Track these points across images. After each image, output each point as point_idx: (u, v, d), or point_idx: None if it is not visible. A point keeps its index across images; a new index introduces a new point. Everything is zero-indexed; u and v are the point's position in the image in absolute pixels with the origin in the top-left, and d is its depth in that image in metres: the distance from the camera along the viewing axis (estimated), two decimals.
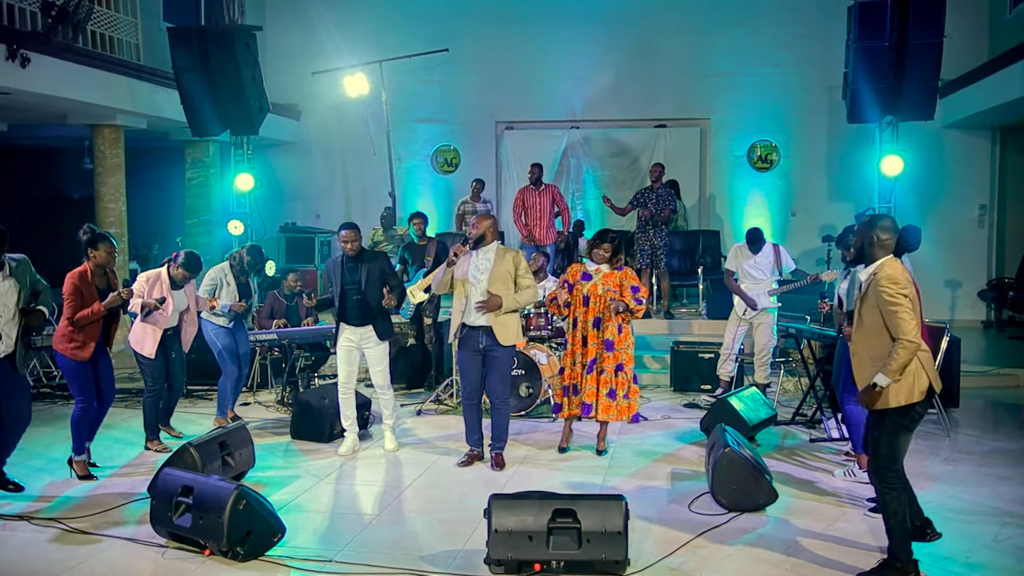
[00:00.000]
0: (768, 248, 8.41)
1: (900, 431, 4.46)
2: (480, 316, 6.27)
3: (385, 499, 5.83)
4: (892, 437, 4.46)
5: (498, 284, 6.25)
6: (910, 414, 4.45)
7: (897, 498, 4.46)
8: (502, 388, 6.46)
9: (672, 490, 5.98)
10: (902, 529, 4.47)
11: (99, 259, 6.16)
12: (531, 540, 4.45)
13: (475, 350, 6.36)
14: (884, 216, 4.63)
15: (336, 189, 14.59)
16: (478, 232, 6.34)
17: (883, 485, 4.49)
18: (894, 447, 4.47)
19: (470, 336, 6.37)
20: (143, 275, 6.87)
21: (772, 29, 12.91)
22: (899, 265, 4.48)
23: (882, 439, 4.49)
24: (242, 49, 9.56)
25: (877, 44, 8.53)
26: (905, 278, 4.44)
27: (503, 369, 6.43)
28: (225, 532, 4.63)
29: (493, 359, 6.36)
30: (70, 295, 6.03)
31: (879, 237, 4.47)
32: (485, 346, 6.33)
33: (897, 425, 4.45)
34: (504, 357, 6.39)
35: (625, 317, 6.62)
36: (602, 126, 13.80)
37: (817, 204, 13.14)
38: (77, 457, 6.31)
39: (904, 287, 4.40)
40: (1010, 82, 9.90)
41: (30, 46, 8.69)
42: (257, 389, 9.27)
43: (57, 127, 11.39)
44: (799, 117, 13.18)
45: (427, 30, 13.15)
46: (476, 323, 6.32)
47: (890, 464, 4.48)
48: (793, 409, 7.94)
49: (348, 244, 6.66)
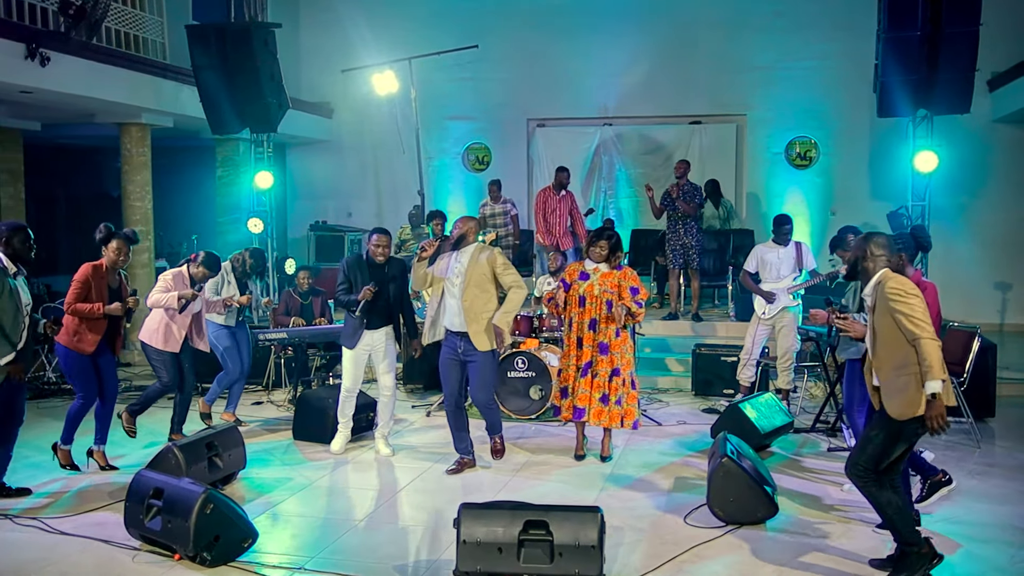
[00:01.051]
0: (792, 244, 8.08)
1: (899, 441, 4.29)
2: (456, 320, 6.07)
3: (370, 504, 5.68)
4: (889, 444, 4.29)
5: (473, 287, 6.02)
6: (914, 426, 4.24)
7: (878, 490, 4.32)
8: (484, 395, 6.22)
9: (671, 500, 5.73)
10: (900, 514, 4.34)
11: (109, 258, 6.14)
12: (501, 552, 4.26)
13: (454, 354, 6.17)
14: (878, 233, 4.53)
15: (368, 187, 14.53)
16: (458, 232, 6.15)
17: (858, 480, 4.37)
18: (884, 452, 4.31)
19: (449, 339, 6.20)
20: (167, 273, 6.82)
21: (813, 21, 12.45)
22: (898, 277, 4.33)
23: (876, 439, 4.33)
24: (260, 46, 9.52)
25: (908, 34, 8.10)
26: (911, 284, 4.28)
27: (483, 375, 6.15)
28: (191, 536, 4.52)
29: (471, 365, 6.15)
30: (79, 282, 6.00)
31: (872, 252, 4.38)
32: (463, 351, 6.13)
33: (896, 432, 4.27)
34: (482, 362, 6.12)
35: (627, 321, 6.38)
36: (635, 123, 13.48)
37: (858, 203, 12.63)
38: (63, 446, 6.30)
39: (911, 289, 4.24)
40: None
41: (50, 45, 8.74)
42: (272, 388, 9.21)
43: (88, 126, 11.51)
44: (840, 112, 12.69)
45: (457, 27, 13.01)
46: (453, 328, 6.14)
47: (870, 465, 4.33)
48: (815, 415, 7.60)
49: (380, 249, 6.51)
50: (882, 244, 4.38)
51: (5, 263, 5.47)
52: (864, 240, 4.45)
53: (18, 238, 5.53)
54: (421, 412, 8.29)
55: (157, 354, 6.81)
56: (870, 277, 4.37)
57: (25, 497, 5.75)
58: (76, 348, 6.08)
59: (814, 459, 6.69)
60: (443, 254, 6.19)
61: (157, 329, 6.78)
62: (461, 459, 6.38)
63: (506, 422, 7.22)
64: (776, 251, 8.06)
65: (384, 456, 6.73)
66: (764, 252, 8.12)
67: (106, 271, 6.12)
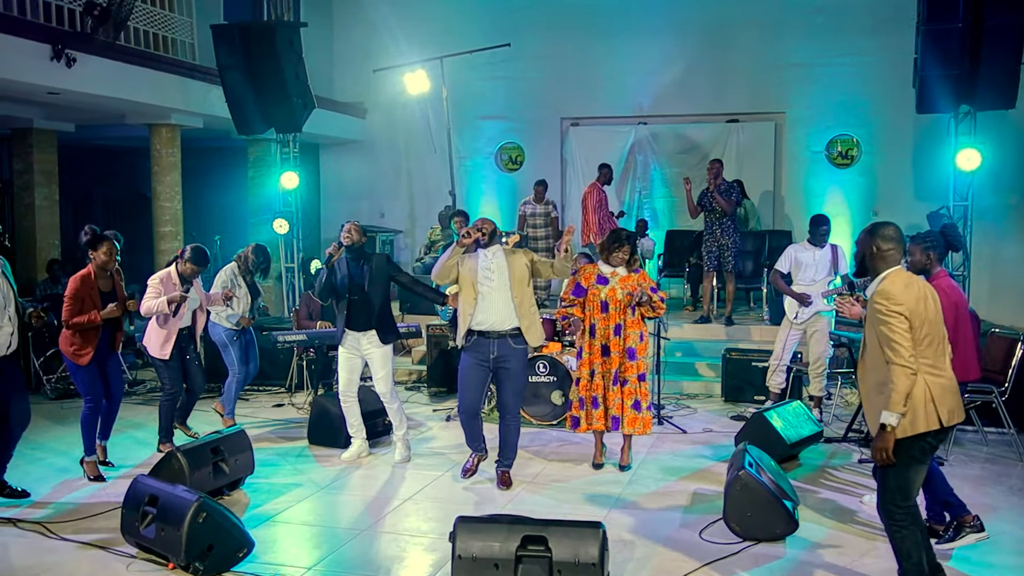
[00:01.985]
0: (828, 247, 7.77)
1: (911, 464, 3.91)
2: (494, 320, 5.81)
3: (376, 513, 5.52)
4: (902, 470, 3.91)
5: (519, 283, 5.81)
6: (919, 444, 3.88)
7: (909, 536, 3.92)
8: (515, 402, 6.01)
9: (687, 513, 5.49)
10: (917, 572, 3.93)
11: (99, 260, 6.08)
12: (497, 568, 4.07)
13: (483, 360, 5.88)
14: (886, 224, 4.07)
15: (400, 188, 14.42)
16: (491, 229, 5.91)
17: (891, 522, 3.96)
18: (904, 481, 3.92)
19: (479, 344, 5.89)
20: (155, 277, 6.76)
21: (853, 17, 12.02)
22: (903, 278, 3.94)
23: (890, 472, 3.93)
24: (284, 45, 9.44)
25: (949, 26, 7.72)
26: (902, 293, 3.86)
27: (517, 381, 5.96)
28: (183, 545, 4.40)
29: (506, 371, 5.88)
30: (69, 298, 5.94)
31: (880, 247, 3.98)
32: (497, 356, 5.85)
33: (907, 457, 3.90)
34: (518, 368, 5.92)
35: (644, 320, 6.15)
36: (670, 122, 13.15)
37: (902, 202, 12.16)
38: (88, 458, 6.26)
39: (898, 303, 3.83)
40: None
41: (75, 46, 8.77)
42: (295, 391, 9.12)
43: (120, 127, 11.58)
44: (883, 109, 12.25)
45: (489, 25, 12.85)
46: (489, 328, 5.85)
47: (899, 500, 3.93)
48: (847, 424, 7.29)
49: (344, 233, 6.34)
50: (890, 237, 3.97)
51: None
52: (869, 234, 4.03)
53: None
54: (439, 416, 8.12)
55: (157, 362, 6.76)
56: (877, 275, 3.99)
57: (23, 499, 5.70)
58: (75, 360, 6.05)
59: (843, 471, 6.39)
60: (468, 253, 5.96)
61: (154, 337, 6.73)
62: (476, 455, 6.21)
63: (526, 427, 7.05)
64: (812, 252, 7.75)
65: (399, 461, 6.54)
66: (798, 252, 7.82)
67: (95, 277, 6.03)
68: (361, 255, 6.38)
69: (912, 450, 3.89)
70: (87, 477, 6.20)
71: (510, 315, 5.84)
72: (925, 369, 3.89)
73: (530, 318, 5.88)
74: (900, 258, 4.01)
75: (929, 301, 3.95)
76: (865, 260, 4.04)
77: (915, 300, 3.88)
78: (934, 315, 3.95)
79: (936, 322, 3.95)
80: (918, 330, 3.87)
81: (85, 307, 5.95)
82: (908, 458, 3.90)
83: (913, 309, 3.85)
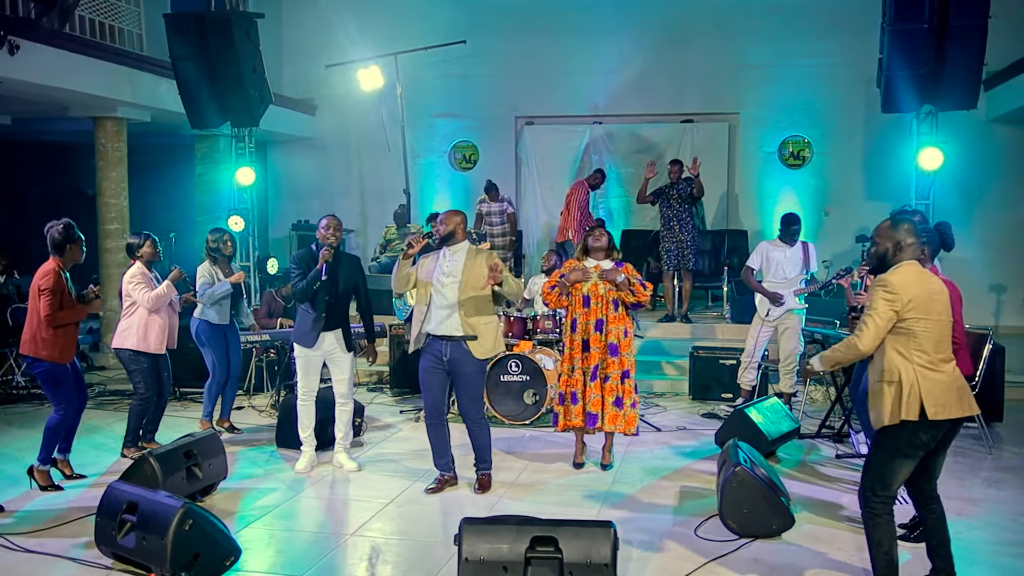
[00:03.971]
0: (799, 245, 7.81)
1: (895, 455, 3.92)
2: (446, 324, 5.53)
3: (359, 517, 5.31)
4: (885, 458, 3.94)
5: (469, 289, 5.49)
6: (904, 436, 3.88)
7: (882, 526, 3.95)
8: (475, 408, 5.72)
9: (678, 511, 5.42)
10: (886, 561, 3.97)
11: (73, 257, 5.81)
12: (506, 571, 3.92)
13: (438, 362, 5.61)
14: (907, 217, 4.07)
15: (352, 186, 14.15)
16: (447, 229, 5.60)
17: (867, 510, 3.99)
18: (885, 470, 3.94)
19: (432, 346, 5.62)
20: (133, 273, 6.45)
21: (808, 19, 12.18)
22: (914, 271, 3.92)
23: (875, 458, 3.99)
24: (242, 37, 9.15)
25: (915, 26, 7.84)
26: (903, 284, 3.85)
27: (473, 388, 5.66)
28: (168, 555, 4.16)
29: (460, 376, 5.57)
30: (51, 291, 5.57)
31: (905, 241, 3.94)
32: (450, 359, 5.57)
33: (891, 447, 3.92)
34: (473, 374, 5.60)
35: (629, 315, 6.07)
36: (626, 121, 13.17)
37: (852, 203, 12.40)
38: (41, 467, 5.88)
39: (891, 294, 3.83)
40: None
41: (19, 33, 8.33)
42: (253, 393, 8.83)
43: (61, 121, 11.10)
44: (834, 111, 12.46)
45: (445, 22, 12.68)
46: (440, 332, 5.56)
47: (877, 488, 3.95)
48: (819, 421, 7.33)
49: (331, 231, 6.01)
50: (911, 231, 3.95)
51: None
52: (893, 228, 3.98)
53: None
54: (407, 417, 7.94)
55: (135, 360, 6.44)
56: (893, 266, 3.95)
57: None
58: (62, 360, 5.71)
59: (824, 466, 6.40)
60: (428, 254, 5.75)
61: (134, 330, 6.41)
62: (442, 476, 5.84)
63: (499, 429, 6.93)
64: (783, 250, 7.78)
65: (349, 470, 6.21)
66: (770, 250, 7.85)
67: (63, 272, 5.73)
68: (337, 254, 6.14)
69: (896, 440, 3.89)
70: (37, 486, 5.84)
71: (460, 321, 5.56)
72: (919, 362, 3.87)
73: (479, 328, 5.55)
74: (918, 252, 3.99)
75: (937, 298, 3.93)
76: (887, 256, 3.98)
77: (919, 294, 3.85)
78: (939, 313, 3.91)
79: (940, 320, 3.92)
80: (914, 323, 3.86)
81: (65, 301, 5.64)
82: (892, 448, 3.91)
83: (912, 302, 3.83)
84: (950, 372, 3.95)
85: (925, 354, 3.88)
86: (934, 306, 3.89)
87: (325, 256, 5.96)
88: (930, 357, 3.89)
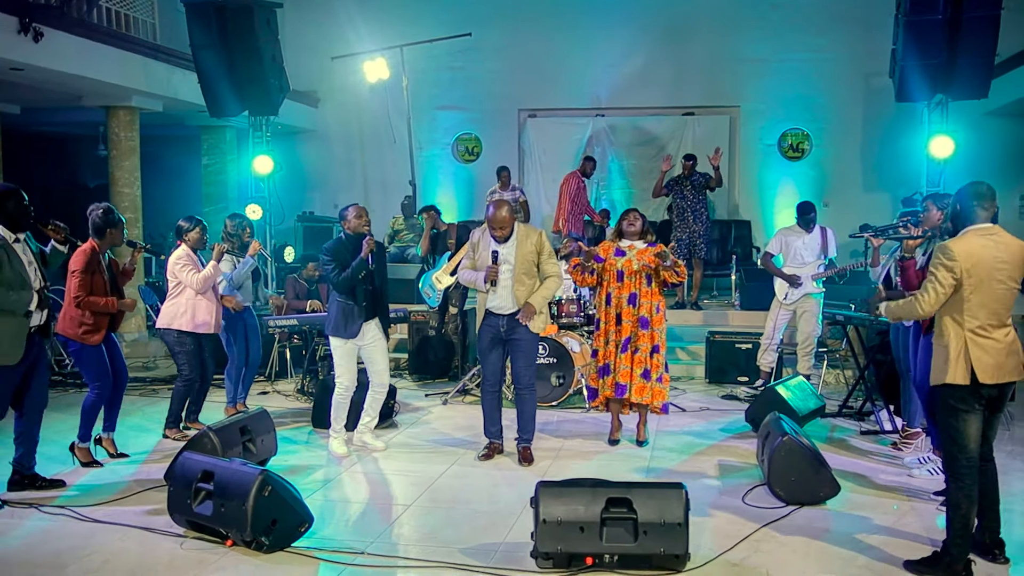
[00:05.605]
0: (817, 230, 8.02)
1: (955, 413, 4.11)
2: (503, 303, 5.88)
3: (414, 489, 5.44)
4: (947, 419, 4.14)
5: (522, 275, 5.84)
6: (957, 397, 4.08)
7: (963, 488, 4.10)
8: (527, 374, 6.01)
9: (722, 482, 5.59)
10: (962, 524, 4.11)
11: (114, 240, 5.89)
12: (583, 531, 4.07)
13: (496, 335, 5.95)
14: (979, 182, 4.19)
15: (355, 178, 14.25)
16: (508, 230, 5.84)
17: (950, 472, 4.17)
18: (952, 431, 4.12)
19: (491, 318, 5.97)
20: (175, 257, 6.51)
21: (809, 13, 12.48)
22: (973, 239, 4.08)
23: (940, 422, 4.23)
24: (262, 26, 9.22)
25: (929, 17, 8.08)
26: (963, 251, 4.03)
27: (528, 354, 5.99)
28: (249, 521, 4.26)
29: (515, 343, 5.93)
30: (80, 273, 5.65)
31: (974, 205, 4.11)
32: (507, 330, 5.92)
33: (946, 407, 4.13)
34: (527, 340, 5.94)
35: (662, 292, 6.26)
36: (628, 114, 13.40)
37: (851, 194, 12.70)
38: (81, 444, 5.95)
39: (951, 261, 4.02)
40: None
41: (43, 20, 8.38)
42: (276, 378, 8.90)
43: (71, 111, 11.12)
44: (833, 105, 12.76)
45: (450, 15, 12.84)
46: (498, 310, 5.93)
47: (954, 451, 4.12)
48: (838, 401, 7.55)
49: (363, 220, 6.14)
50: (982, 194, 4.12)
51: (2, 232, 5.10)
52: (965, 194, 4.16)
53: (12, 202, 5.12)
54: (434, 400, 8.06)
55: (180, 342, 6.51)
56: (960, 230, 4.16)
57: (61, 489, 5.42)
58: (87, 341, 5.77)
59: (851, 442, 6.60)
60: (482, 238, 5.99)
61: (184, 311, 6.47)
62: (491, 443, 6.15)
63: None
64: (801, 236, 7.99)
65: (375, 449, 6.31)
66: (788, 236, 8.06)
67: (100, 255, 5.81)
68: None
69: (950, 399, 4.09)
70: (79, 463, 5.91)
71: (515, 299, 5.89)
72: (970, 327, 4.05)
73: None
74: (986, 216, 4.12)
75: (1002, 265, 4.05)
76: (957, 219, 4.17)
77: (981, 262, 4.01)
78: (999, 281, 4.04)
79: (999, 287, 4.05)
80: (970, 291, 4.02)
81: (96, 282, 5.70)
82: (947, 407, 4.11)
83: (971, 270, 4.01)
84: (1001, 338, 4.11)
85: (976, 320, 4.06)
86: (996, 274, 4.05)
87: (370, 245, 6.04)
88: (981, 323, 4.06)
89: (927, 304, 4.11)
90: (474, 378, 8.30)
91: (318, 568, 4.23)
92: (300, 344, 8.55)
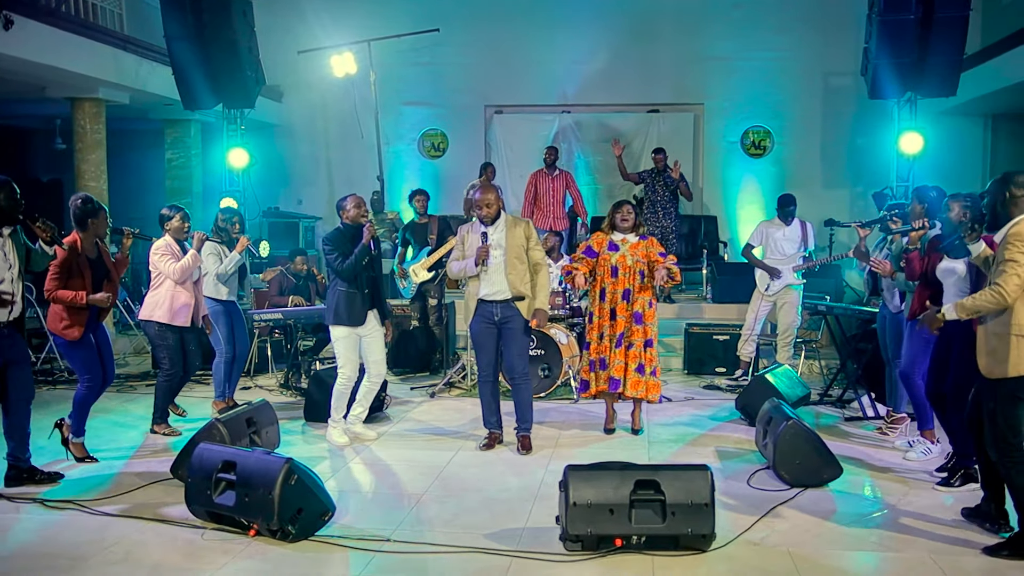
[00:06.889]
0: (797, 223, 8.22)
1: (1017, 403, 4.17)
2: (496, 290, 5.92)
3: (423, 479, 5.45)
4: (1010, 409, 4.17)
5: (513, 259, 5.90)
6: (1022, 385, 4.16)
7: (1022, 473, 4.19)
8: (520, 363, 6.04)
9: (724, 467, 5.71)
10: None
11: (99, 230, 5.78)
12: (612, 514, 4.14)
13: (490, 322, 5.98)
14: (1019, 171, 4.23)
15: (320, 173, 14.11)
16: (494, 210, 5.96)
17: (1005, 459, 4.21)
18: (1012, 419, 4.18)
19: (484, 307, 5.99)
20: (155, 247, 6.42)
21: (771, 13, 12.71)
22: None
23: (998, 411, 4.19)
24: (239, 17, 9.11)
25: (902, 17, 8.34)
26: None
27: (520, 342, 6.02)
28: (276, 510, 4.23)
29: (509, 331, 5.96)
30: (56, 266, 5.49)
31: (1013, 193, 4.16)
32: (500, 317, 5.95)
33: (1011, 397, 4.16)
34: (520, 330, 5.98)
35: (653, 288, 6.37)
36: (594, 111, 13.50)
37: (812, 190, 12.91)
38: (75, 439, 5.83)
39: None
40: (1004, 70, 9.76)
41: (14, 7, 8.14)
42: (255, 373, 8.79)
43: (30, 103, 10.81)
44: (794, 103, 13.02)
45: (418, 9, 12.76)
46: (491, 297, 5.96)
47: (1009, 437, 4.19)
48: (817, 390, 7.76)
49: (363, 210, 6.22)
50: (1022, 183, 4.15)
51: None
52: (1002, 183, 4.19)
53: (3, 194, 5.01)
54: (420, 393, 8.05)
55: (161, 335, 6.41)
56: (1009, 220, 4.17)
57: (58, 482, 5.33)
58: (65, 336, 5.64)
59: (838, 428, 6.80)
60: (470, 232, 6.06)
61: (161, 301, 6.39)
62: (492, 433, 6.20)
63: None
64: (782, 229, 8.18)
65: (368, 439, 6.33)
66: (769, 229, 8.25)
67: (83, 248, 5.67)
68: None
69: (1018, 391, 4.14)
70: (73, 458, 5.78)
71: (508, 285, 5.94)
72: None
73: (524, 291, 5.95)
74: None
75: None
76: (996, 208, 4.22)
77: None
78: None
79: None
80: None
81: (72, 276, 5.57)
82: (1012, 397, 4.15)
83: None
84: None
85: None
86: None
87: (371, 231, 6.09)
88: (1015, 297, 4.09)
89: (1012, 289, 4.05)
90: (460, 371, 8.33)
91: (348, 555, 4.23)
92: (281, 339, 8.45)
